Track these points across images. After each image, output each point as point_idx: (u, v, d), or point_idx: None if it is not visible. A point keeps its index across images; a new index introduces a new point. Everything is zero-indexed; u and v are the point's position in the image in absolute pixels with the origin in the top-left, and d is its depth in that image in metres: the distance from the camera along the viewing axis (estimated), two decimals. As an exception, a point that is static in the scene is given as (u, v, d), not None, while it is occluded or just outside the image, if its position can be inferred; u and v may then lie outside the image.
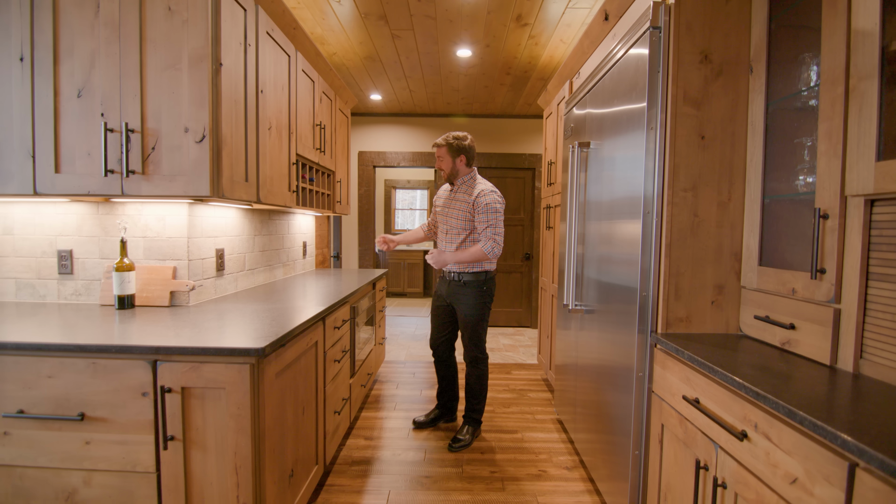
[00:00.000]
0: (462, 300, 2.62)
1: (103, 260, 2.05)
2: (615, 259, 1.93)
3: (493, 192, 2.53)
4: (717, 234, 1.65)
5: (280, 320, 1.73)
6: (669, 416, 1.53)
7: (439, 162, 2.61)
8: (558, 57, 3.70)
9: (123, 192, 1.71)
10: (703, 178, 1.63)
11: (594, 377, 2.18)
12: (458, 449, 2.59)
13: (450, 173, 2.61)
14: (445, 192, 2.71)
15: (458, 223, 2.57)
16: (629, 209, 1.79)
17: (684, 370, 1.45)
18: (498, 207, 2.50)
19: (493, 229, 2.47)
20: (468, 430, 2.70)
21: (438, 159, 2.61)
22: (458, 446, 2.60)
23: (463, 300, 2.61)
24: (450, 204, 2.62)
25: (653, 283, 1.68)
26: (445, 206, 2.65)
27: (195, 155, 1.69)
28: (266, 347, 1.38)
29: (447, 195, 2.68)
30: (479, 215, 2.49)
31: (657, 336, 1.62)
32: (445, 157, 2.58)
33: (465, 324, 2.64)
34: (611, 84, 2.02)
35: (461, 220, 2.56)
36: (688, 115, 1.62)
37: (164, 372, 1.39)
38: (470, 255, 2.50)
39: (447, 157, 2.58)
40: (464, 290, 2.61)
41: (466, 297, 2.61)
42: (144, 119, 1.71)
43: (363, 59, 3.85)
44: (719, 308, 1.66)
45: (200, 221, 2.13)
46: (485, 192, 2.51)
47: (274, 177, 2.24)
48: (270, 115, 2.19)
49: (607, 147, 2.05)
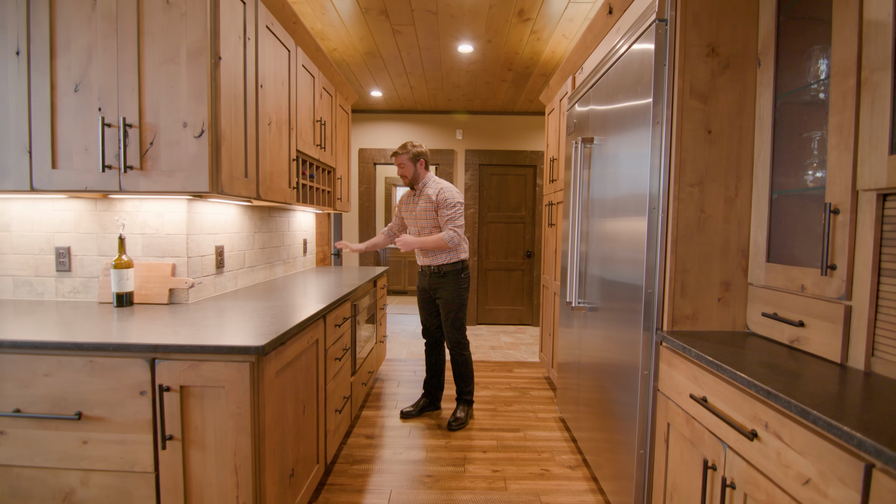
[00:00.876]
0: (443, 290, 2.85)
1: (101, 257, 2.03)
2: (619, 256, 1.90)
3: (450, 189, 2.79)
4: (723, 230, 1.62)
5: (280, 318, 1.71)
6: (676, 415, 1.51)
7: (401, 170, 2.82)
8: (560, 52, 3.67)
9: (121, 187, 1.69)
10: (709, 173, 1.61)
11: (598, 375, 2.16)
12: (458, 427, 2.82)
13: (412, 179, 2.83)
14: (408, 197, 2.94)
15: (428, 222, 2.81)
16: (634, 205, 1.76)
17: (691, 368, 1.43)
18: (455, 201, 2.76)
19: (452, 221, 2.75)
20: (463, 409, 2.94)
21: (400, 167, 2.81)
22: (458, 425, 2.82)
23: (444, 290, 2.85)
24: (415, 207, 2.85)
25: (658, 280, 1.65)
26: (412, 209, 2.87)
27: (194, 150, 1.67)
28: (266, 345, 1.36)
29: (410, 199, 2.91)
30: (441, 210, 2.76)
31: (663, 334, 1.60)
32: (407, 164, 2.79)
33: (447, 311, 2.87)
34: (615, 78, 1.99)
35: (430, 219, 2.80)
36: (694, 109, 1.59)
37: (163, 370, 1.37)
38: (432, 242, 2.73)
39: (409, 164, 2.80)
40: (444, 281, 2.84)
41: (447, 286, 2.84)
42: (142, 114, 1.68)
43: (364, 55, 3.82)
44: (726, 305, 1.64)
45: (200, 218, 2.11)
46: (444, 189, 2.77)
47: (274, 173, 2.22)
48: (270, 111, 2.16)
49: (612, 143, 2.03)
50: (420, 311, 3.05)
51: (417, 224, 2.85)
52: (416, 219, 2.84)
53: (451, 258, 2.83)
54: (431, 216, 2.79)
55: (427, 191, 2.80)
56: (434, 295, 2.92)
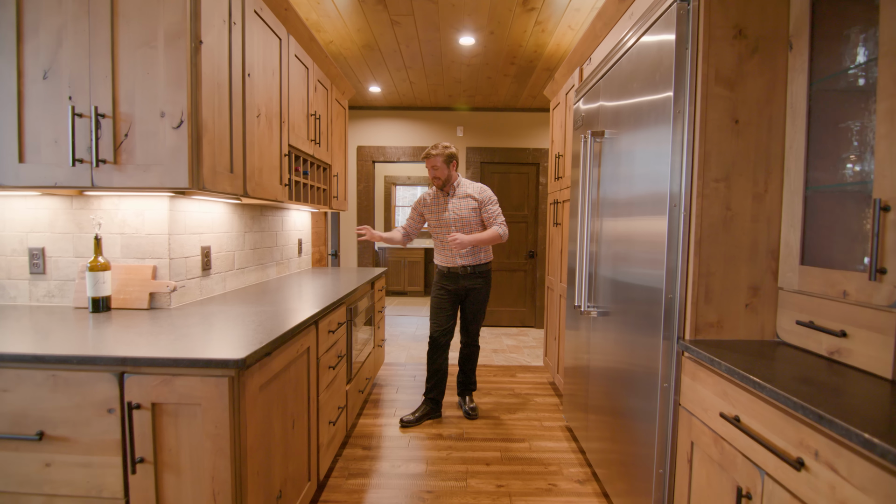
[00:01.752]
0: (478, 291, 2.88)
1: (78, 259, 1.89)
2: (635, 258, 1.77)
3: (488, 188, 2.88)
4: (752, 230, 1.48)
5: (268, 325, 1.57)
6: (701, 434, 1.37)
7: (435, 171, 2.78)
8: (565, 45, 3.53)
9: (93, 183, 1.55)
10: (736, 167, 1.47)
11: (609, 382, 2.02)
12: (476, 415, 2.96)
13: (445, 180, 2.80)
14: (436, 199, 2.88)
15: (468, 217, 2.80)
16: (652, 202, 1.62)
17: (720, 383, 1.29)
18: (495, 198, 2.86)
19: (501, 216, 2.82)
20: (472, 398, 3.08)
21: (433, 169, 2.77)
22: (477, 412, 2.99)
23: (479, 290, 2.88)
24: (452, 206, 2.82)
25: (680, 284, 1.51)
26: (443, 209, 2.84)
27: (172, 142, 1.53)
28: (247, 358, 1.22)
29: (440, 201, 2.86)
30: (488, 207, 2.79)
31: (685, 343, 1.46)
32: (441, 166, 2.76)
33: (474, 313, 2.93)
34: (629, 67, 1.85)
35: (469, 215, 2.80)
36: (720, 96, 1.45)
37: (132, 386, 1.23)
38: (489, 237, 2.73)
39: (442, 166, 2.76)
40: (481, 281, 2.87)
41: (483, 286, 2.89)
42: (116, 103, 1.54)
43: (361, 48, 3.68)
44: (754, 312, 1.50)
45: (183, 217, 1.97)
46: (484, 188, 2.86)
47: (263, 168, 2.08)
48: (259, 102, 2.02)
49: (625, 136, 1.89)
50: (437, 315, 2.91)
51: (457, 225, 2.81)
52: (456, 220, 2.81)
53: (488, 257, 2.90)
54: (476, 215, 2.80)
55: (467, 190, 2.82)
56: (465, 296, 2.90)
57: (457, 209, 2.80)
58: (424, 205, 2.93)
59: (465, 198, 2.81)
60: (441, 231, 2.87)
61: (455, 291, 2.88)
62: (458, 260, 2.83)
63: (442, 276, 2.91)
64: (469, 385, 3.10)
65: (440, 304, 2.90)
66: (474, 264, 2.84)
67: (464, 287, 2.86)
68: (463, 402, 3.07)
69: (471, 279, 2.85)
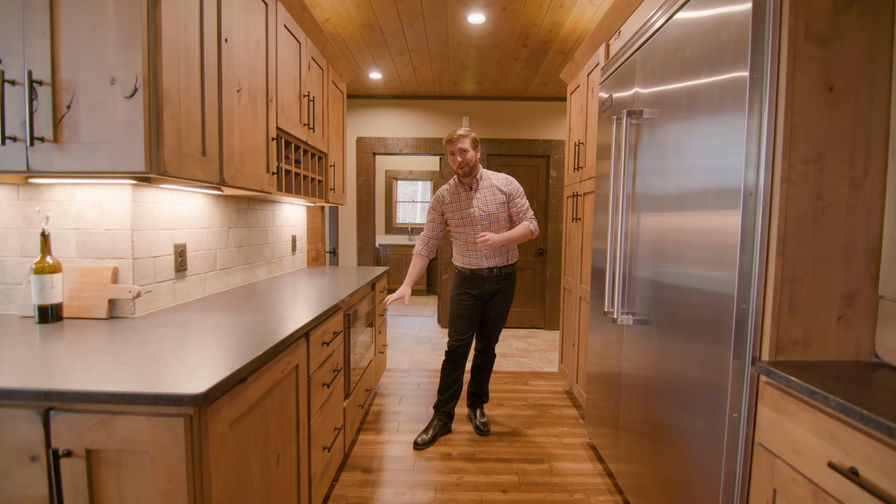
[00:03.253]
0: (503, 294, 2.61)
1: (26, 259, 1.60)
2: (688, 257, 1.47)
3: (513, 178, 2.59)
4: (847, 224, 1.19)
5: (246, 341, 1.28)
6: (791, 483, 1.08)
7: (463, 156, 2.42)
8: (584, 23, 3.22)
9: (29, 166, 1.25)
10: (830, 145, 1.17)
11: (648, 397, 1.73)
12: (488, 431, 2.69)
13: (472, 167, 2.46)
14: (457, 196, 2.55)
15: (496, 212, 2.51)
16: (716, 191, 1.33)
17: (823, 421, 1.00)
18: (523, 191, 2.58)
19: (530, 210, 2.55)
20: (482, 412, 2.81)
21: (462, 153, 2.42)
22: (489, 427, 2.71)
23: (504, 294, 2.61)
24: (477, 201, 2.51)
25: (756, 290, 1.22)
26: (467, 205, 2.51)
27: (125, 115, 1.23)
28: (209, 391, 0.93)
29: (462, 194, 2.54)
30: (517, 200, 2.53)
31: (765, 366, 1.17)
32: (470, 149, 2.43)
33: (498, 318, 2.65)
34: (679, 31, 1.55)
35: (498, 209, 2.51)
36: (811, 56, 1.16)
37: (60, 427, 0.94)
38: (520, 234, 2.46)
39: (471, 150, 2.44)
40: (506, 284, 2.60)
41: (508, 290, 2.62)
42: (56, 67, 1.24)
43: (361, 28, 3.37)
44: (848, 326, 1.21)
45: (151, 209, 1.68)
46: (511, 179, 2.56)
47: (245, 153, 1.78)
48: (239, 74, 1.73)
49: (673, 107, 1.59)
50: (457, 323, 2.57)
51: (484, 222, 2.50)
52: (483, 217, 2.50)
53: (516, 256, 2.64)
54: (501, 210, 2.51)
55: (493, 182, 2.53)
56: (489, 300, 2.61)
57: (483, 204, 2.49)
58: (444, 203, 2.58)
59: (490, 190, 2.50)
60: (465, 231, 2.54)
61: (479, 296, 2.58)
62: (485, 262, 2.53)
63: (464, 280, 2.59)
64: (482, 397, 2.82)
65: (461, 311, 2.57)
66: (502, 265, 2.55)
67: (489, 291, 2.57)
68: (473, 416, 2.79)
69: (497, 282, 2.57)
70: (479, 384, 2.79)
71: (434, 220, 2.60)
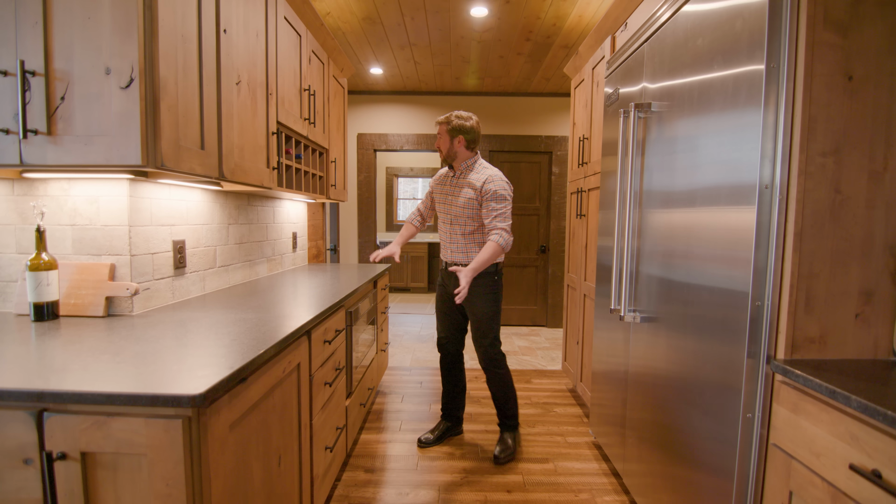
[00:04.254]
0: (475, 296, 2.33)
1: (21, 255, 1.56)
2: (699, 254, 1.44)
3: (500, 178, 2.29)
4: (866, 219, 1.15)
5: (246, 340, 1.25)
6: (809, 485, 1.04)
7: (438, 140, 2.39)
8: (588, 16, 3.18)
9: (22, 160, 1.22)
10: (849, 137, 1.13)
11: (658, 395, 1.70)
12: (507, 459, 2.35)
13: (447, 155, 2.36)
14: (444, 178, 2.46)
15: (465, 211, 2.31)
16: (729, 184, 1.29)
17: (843, 422, 0.96)
18: (507, 195, 2.26)
19: (501, 219, 2.24)
20: (510, 436, 2.48)
21: (438, 137, 2.39)
22: (506, 456, 2.36)
23: (476, 295, 2.33)
24: (452, 190, 2.38)
25: (771, 287, 1.18)
26: (447, 192, 2.40)
27: (120, 106, 1.19)
28: (208, 392, 0.90)
29: (447, 180, 2.43)
30: (487, 203, 2.24)
31: (781, 365, 1.13)
32: (444, 135, 2.35)
33: (478, 321, 2.36)
34: (689, 22, 1.51)
35: (468, 207, 2.30)
36: (829, 44, 1.12)
37: (55, 428, 0.91)
38: (489, 256, 2.19)
39: (445, 137, 2.34)
40: (475, 285, 2.31)
41: (479, 291, 2.33)
42: (49, 57, 1.21)
43: (362, 21, 3.33)
44: (866, 323, 1.17)
45: (149, 205, 1.64)
46: (493, 178, 2.27)
47: (245, 147, 1.74)
48: (239, 66, 1.69)
49: (683, 101, 1.55)
50: (439, 321, 2.53)
51: (451, 211, 2.36)
52: (451, 205, 2.36)
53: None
54: (472, 207, 2.29)
55: (471, 176, 2.32)
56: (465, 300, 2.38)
57: (460, 196, 2.32)
58: (435, 181, 2.51)
59: (467, 183, 2.31)
60: (442, 219, 2.44)
61: (451, 294, 2.45)
62: (449, 254, 2.42)
63: (441, 272, 2.52)
64: (505, 419, 2.49)
65: (438, 306, 2.53)
66: (465, 262, 2.37)
67: (455, 287, 2.40)
68: (499, 441, 2.45)
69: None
70: (496, 401, 2.50)
71: (427, 195, 2.61)
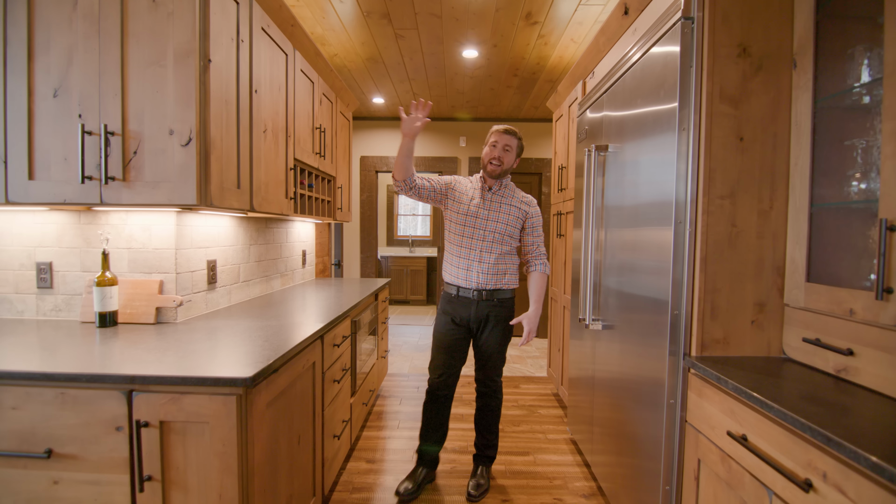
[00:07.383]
0: (495, 322, 2.18)
1: (85, 273, 1.90)
2: (640, 268, 1.77)
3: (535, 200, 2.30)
4: (757, 246, 1.48)
5: (274, 340, 1.58)
6: (708, 452, 1.36)
7: (505, 154, 2.14)
8: (568, 57, 3.56)
9: (102, 200, 1.56)
10: (741, 183, 1.47)
11: (615, 395, 2.02)
12: (480, 497, 2.20)
13: (505, 170, 2.16)
14: (478, 189, 2.20)
15: (506, 228, 2.15)
16: (658, 215, 1.63)
17: (727, 401, 1.29)
18: None
19: (543, 247, 2.26)
20: (485, 472, 2.32)
21: (505, 150, 2.14)
22: (480, 494, 2.21)
23: (497, 322, 2.18)
24: (491, 206, 2.17)
25: (686, 299, 1.51)
26: (482, 205, 2.17)
27: (180, 159, 1.54)
28: (255, 376, 1.23)
29: (483, 194, 2.18)
30: (535, 229, 2.22)
31: (692, 360, 1.46)
32: (513, 150, 2.17)
33: (493, 349, 2.21)
34: (633, 82, 1.87)
35: (510, 225, 2.16)
36: (724, 114, 1.46)
37: (141, 404, 1.23)
38: (543, 289, 2.22)
39: (514, 151, 2.18)
40: (499, 311, 2.17)
41: (501, 318, 2.19)
42: (125, 120, 1.56)
43: (365, 61, 3.71)
44: (760, 328, 1.50)
45: (190, 231, 1.98)
46: (534, 203, 2.25)
47: (269, 183, 2.09)
48: (266, 117, 2.04)
49: (630, 151, 1.90)
50: (437, 357, 2.23)
51: (488, 229, 2.14)
52: (490, 222, 2.14)
53: (515, 283, 2.23)
54: (514, 228, 2.16)
55: (517, 195, 2.21)
56: (480, 332, 2.20)
57: (499, 213, 2.15)
58: (459, 185, 2.24)
59: (513, 204, 2.17)
60: (463, 229, 2.16)
61: (465, 324, 2.18)
62: (475, 278, 2.13)
63: (448, 302, 2.21)
64: (485, 449, 2.34)
65: (441, 341, 2.20)
66: (494, 288, 2.15)
67: (477, 317, 2.16)
68: (474, 473, 2.31)
69: (488, 307, 2.15)
70: (482, 433, 2.33)
71: (437, 182, 2.22)
